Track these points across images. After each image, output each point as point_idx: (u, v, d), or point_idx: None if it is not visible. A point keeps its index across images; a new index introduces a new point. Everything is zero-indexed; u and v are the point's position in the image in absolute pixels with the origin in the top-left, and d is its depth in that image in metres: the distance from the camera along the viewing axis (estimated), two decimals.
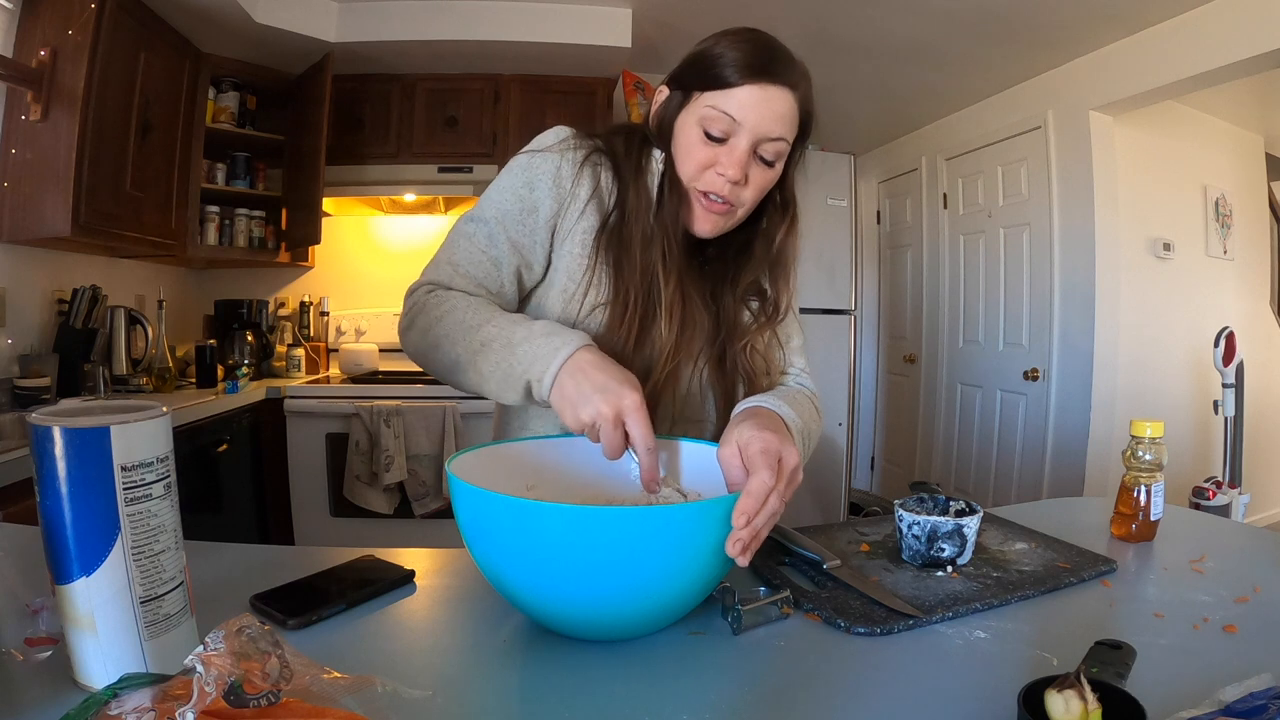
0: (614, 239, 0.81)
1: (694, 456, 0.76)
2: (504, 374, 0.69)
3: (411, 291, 0.81)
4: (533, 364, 0.67)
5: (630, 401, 0.64)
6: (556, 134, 0.83)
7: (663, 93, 0.83)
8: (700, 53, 0.79)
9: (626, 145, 0.84)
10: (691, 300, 0.83)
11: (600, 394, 0.64)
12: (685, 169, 0.79)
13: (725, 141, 0.77)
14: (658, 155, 0.84)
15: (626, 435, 0.65)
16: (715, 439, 0.88)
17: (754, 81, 0.74)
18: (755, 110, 0.75)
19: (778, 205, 0.86)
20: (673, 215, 0.80)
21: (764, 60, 0.75)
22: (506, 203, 0.81)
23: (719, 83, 0.75)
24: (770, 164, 0.79)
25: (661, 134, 0.82)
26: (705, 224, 0.81)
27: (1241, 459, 2.84)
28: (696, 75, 0.78)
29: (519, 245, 0.81)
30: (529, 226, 0.81)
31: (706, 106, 0.76)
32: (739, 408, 0.75)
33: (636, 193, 0.81)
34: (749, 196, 0.80)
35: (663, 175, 0.82)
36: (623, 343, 0.80)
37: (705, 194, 0.79)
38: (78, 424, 0.46)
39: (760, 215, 0.86)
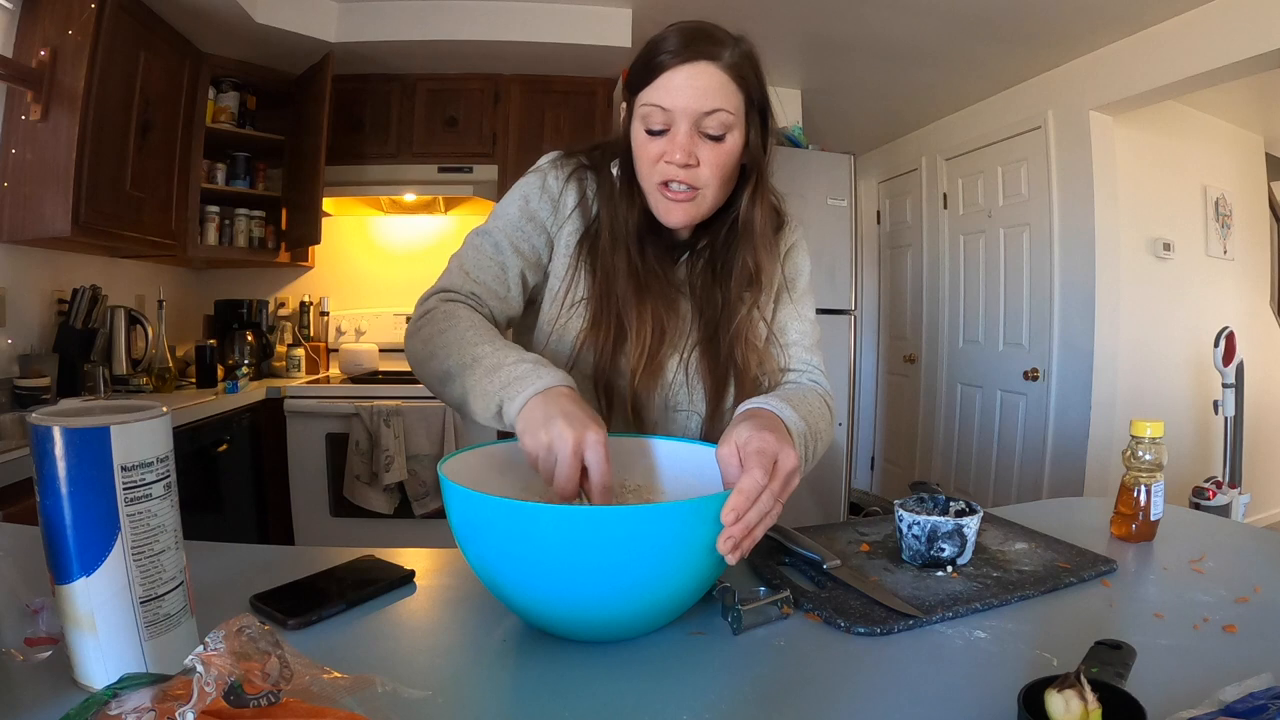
0: (591, 243, 0.87)
1: (682, 457, 0.76)
2: (483, 390, 0.70)
3: (425, 298, 0.83)
4: (509, 385, 0.68)
5: (595, 435, 0.62)
6: (547, 156, 0.91)
7: (623, 108, 0.87)
8: (634, 59, 0.82)
9: (602, 157, 0.89)
10: (653, 293, 0.85)
11: (565, 419, 0.62)
12: (641, 169, 0.83)
13: (667, 132, 0.79)
14: (616, 163, 0.88)
15: (583, 475, 0.63)
16: (703, 434, 0.89)
17: (671, 67, 0.77)
18: (681, 93, 0.77)
19: (743, 176, 0.86)
20: (624, 215, 0.85)
21: (676, 45, 0.77)
22: (509, 215, 0.87)
23: (645, 80, 0.79)
24: (719, 138, 0.79)
25: (626, 143, 0.85)
26: (675, 215, 0.82)
27: (1241, 459, 2.84)
28: (632, 80, 0.82)
29: (521, 250, 0.86)
30: (527, 232, 0.86)
31: (641, 106, 0.80)
32: (741, 408, 0.75)
33: (606, 200, 0.87)
34: (707, 175, 0.80)
35: (618, 179, 0.86)
36: (604, 340, 0.85)
37: (665, 185, 0.81)
38: (78, 424, 0.46)
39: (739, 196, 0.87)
